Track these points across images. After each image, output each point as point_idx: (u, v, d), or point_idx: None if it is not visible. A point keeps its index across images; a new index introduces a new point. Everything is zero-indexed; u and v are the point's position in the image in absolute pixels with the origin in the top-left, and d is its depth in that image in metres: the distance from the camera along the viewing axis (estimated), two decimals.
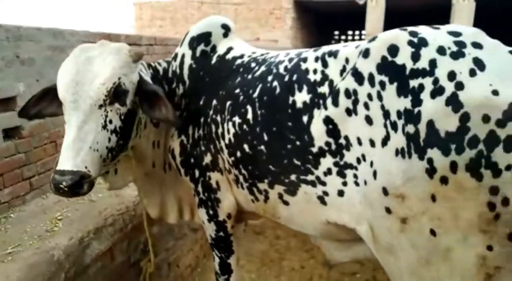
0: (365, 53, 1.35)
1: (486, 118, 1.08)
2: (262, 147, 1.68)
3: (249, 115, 1.72)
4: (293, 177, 1.61)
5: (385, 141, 1.27)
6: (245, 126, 1.73)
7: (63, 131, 2.84)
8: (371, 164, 1.31)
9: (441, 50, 1.20)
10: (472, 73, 1.14)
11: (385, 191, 1.26)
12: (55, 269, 1.64)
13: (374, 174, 1.30)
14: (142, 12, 15.34)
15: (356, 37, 16.01)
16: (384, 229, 1.31)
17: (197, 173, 2.00)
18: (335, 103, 1.41)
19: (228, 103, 1.83)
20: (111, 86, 1.57)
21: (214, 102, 1.92)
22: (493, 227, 1.12)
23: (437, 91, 1.15)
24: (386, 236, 1.32)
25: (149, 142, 2.04)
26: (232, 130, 1.78)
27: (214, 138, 1.89)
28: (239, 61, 1.94)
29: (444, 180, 1.13)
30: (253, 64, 1.86)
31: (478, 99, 1.09)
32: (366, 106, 1.32)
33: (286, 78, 1.63)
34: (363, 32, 13.16)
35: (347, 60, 1.45)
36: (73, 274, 1.74)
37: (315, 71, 1.54)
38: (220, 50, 2.03)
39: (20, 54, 2.38)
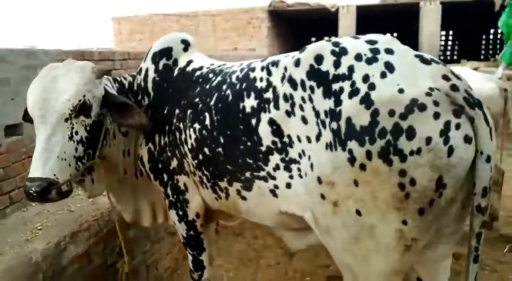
0: (297, 63, 1.55)
1: (391, 113, 1.27)
2: (220, 149, 1.84)
3: (207, 121, 1.89)
4: (247, 174, 1.78)
5: (318, 137, 1.45)
6: (204, 132, 1.90)
7: None
8: (309, 158, 1.50)
9: (358, 57, 1.40)
10: (383, 75, 1.33)
11: (319, 180, 1.44)
12: (33, 270, 1.78)
13: (311, 166, 1.48)
14: (120, 26, 15.43)
15: None
16: (321, 213, 1.50)
17: (165, 177, 2.15)
18: (277, 107, 1.60)
19: (189, 111, 2.00)
20: (77, 103, 1.74)
21: (177, 111, 2.08)
22: (405, 205, 1.31)
23: (353, 92, 1.35)
24: (323, 219, 1.51)
25: (119, 151, 2.19)
26: (193, 136, 1.95)
27: (179, 144, 2.05)
28: (198, 73, 2.12)
29: (362, 167, 1.32)
30: (211, 75, 2.04)
31: (386, 97, 1.29)
32: (301, 108, 1.51)
33: (237, 87, 1.81)
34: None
35: (285, 69, 1.63)
36: (50, 275, 1.87)
37: (261, 79, 1.73)
38: (181, 63, 2.20)
39: None
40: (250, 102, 1.73)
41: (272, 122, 1.62)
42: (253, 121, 1.70)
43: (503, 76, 4.79)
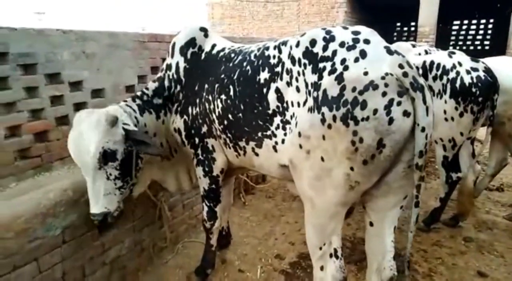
0: (297, 44, 1.96)
1: (354, 89, 1.66)
2: (240, 114, 2.25)
3: (231, 93, 2.29)
4: (259, 134, 2.20)
5: (304, 103, 1.86)
6: (229, 101, 2.30)
7: None
8: (296, 118, 1.92)
9: (341, 44, 1.79)
10: (356, 60, 1.71)
11: (299, 134, 1.87)
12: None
13: (296, 124, 1.91)
14: (213, 11, 16.52)
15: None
16: (297, 158, 1.93)
17: (197, 140, 2.63)
18: (281, 78, 2.02)
19: (216, 85, 2.41)
20: (99, 156, 2.17)
21: (206, 86, 2.51)
22: (354, 156, 1.71)
23: (332, 71, 1.75)
24: (298, 163, 1.94)
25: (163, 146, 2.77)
26: (220, 105, 2.36)
27: (208, 113, 2.48)
28: (221, 54, 2.58)
29: (329, 126, 1.72)
30: (232, 55, 2.48)
31: (353, 77, 1.68)
32: (297, 80, 1.92)
33: (255, 63, 2.20)
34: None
35: (291, 48, 2.02)
36: None
37: (274, 57, 2.10)
38: (207, 48, 2.68)
39: (86, 50, 3.37)
40: (264, 75, 2.11)
41: (277, 90, 2.03)
42: (265, 90, 2.09)
43: None
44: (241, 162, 2.57)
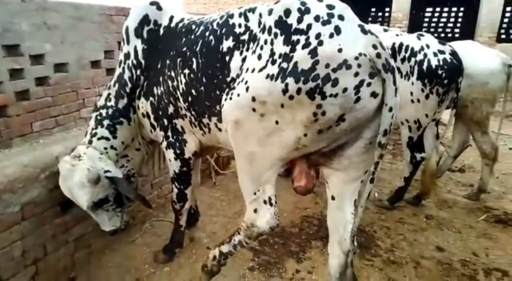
0: (270, 12, 1.87)
1: (327, 65, 1.63)
2: (202, 88, 2.15)
3: (194, 65, 2.18)
4: (218, 107, 2.13)
5: (261, 69, 1.81)
6: (192, 75, 2.19)
7: (83, 83, 3.70)
8: (246, 83, 1.86)
9: (316, 18, 1.73)
10: (331, 35, 1.67)
11: (253, 99, 1.81)
12: None
13: (247, 89, 1.84)
14: None
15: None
16: (248, 120, 1.87)
17: (165, 121, 2.53)
18: (247, 46, 1.94)
19: (179, 59, 2.28)
20: (92, 206, 2.48)
21: (168, 62, 2.37)
22: (312, 125, 1.71)
23: (306, 45, 1.69)
24: (247, 124, 1.88)
25: (142, 155, 2.90)
26: (183, 80, 2.25)
27: (172, 91, 2.36)
28: (180, 25, 2.45)
29: (291, 97, 1.69)
30: (193, 26, 2.37)
31: (327, 53, 1.64)
32: (262, 48, 1.85)
33: (218, 32, 2.11)
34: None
35: (260, 15, 1.96)
36: None
37: (239, 25, 2.02)
38: (164, 21, 2.53)
39: (47, 21, 3.20)
40: (228, 43, 2.03)
41: (244, 59, 1.95)
42: (227, 58, 2.01)
43: None
44: (208, 141, 2.52)
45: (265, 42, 1.84)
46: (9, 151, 2.81)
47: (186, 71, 2.25)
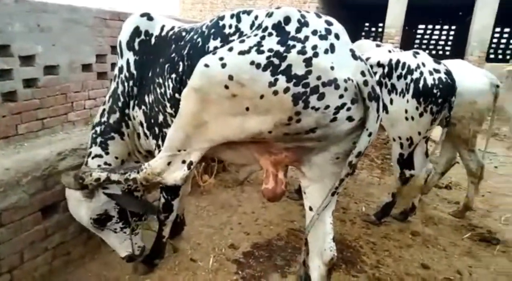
0: (270, 15, 1.83)
1: (319, 78, 1.63)
2: None
3: (180, 69, 2.12)
4: None
5: (242, 52, 1.71)
6: (178, 78, 2.14)
7: (73, 86, 3.65)
8: (221, 59, 1.73)
9: (314, 32, 1.74)
10: (326, 51, 1.68)
11: (230, 77, 1.69)
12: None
13: (223, 65, 1.72)
14: None
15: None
16: (215, 93, 1.76)
17: (157, 130, 2.46)
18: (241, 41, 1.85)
19: (167, 66, 2.24)
20: (94, 223, 2.50)
21: (157, 69, 2.33)
22: (281, 127, 1.72)
23: (301, 52, 1.67)
24: (213, 97, 1.77)
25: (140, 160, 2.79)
26: (171, 85, 2.19)
27: (160, 99, 2.29)
28: (171, 33, 2.43)
29: (275, 93, 1.64)
30: (183, 33, 2.33)
31: (321, 67, 1.64)
32: (248, 37, 1.78)
33: (206, 33, 2.07)
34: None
35: (256, 17, 1.94)
36: None
37: (230, 26, 1.98)
38: (155, 31, 2.50)
39: (41, 23, 3.17)
40: (214, 43, 1.99)
41: None
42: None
43: None
44: None
45: (255, 35, 1.78)
46: None
47: (173, 75, 2.20)
